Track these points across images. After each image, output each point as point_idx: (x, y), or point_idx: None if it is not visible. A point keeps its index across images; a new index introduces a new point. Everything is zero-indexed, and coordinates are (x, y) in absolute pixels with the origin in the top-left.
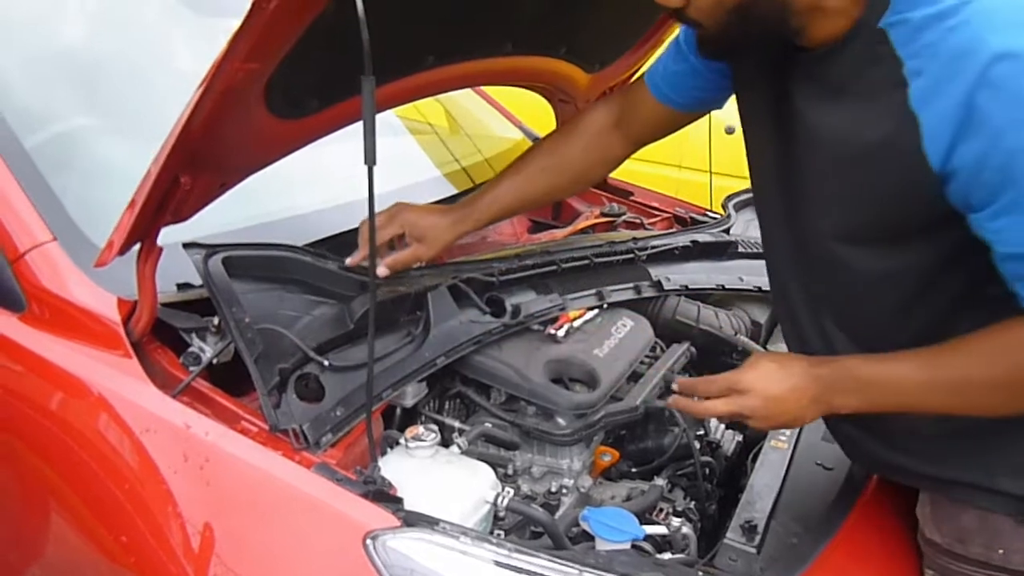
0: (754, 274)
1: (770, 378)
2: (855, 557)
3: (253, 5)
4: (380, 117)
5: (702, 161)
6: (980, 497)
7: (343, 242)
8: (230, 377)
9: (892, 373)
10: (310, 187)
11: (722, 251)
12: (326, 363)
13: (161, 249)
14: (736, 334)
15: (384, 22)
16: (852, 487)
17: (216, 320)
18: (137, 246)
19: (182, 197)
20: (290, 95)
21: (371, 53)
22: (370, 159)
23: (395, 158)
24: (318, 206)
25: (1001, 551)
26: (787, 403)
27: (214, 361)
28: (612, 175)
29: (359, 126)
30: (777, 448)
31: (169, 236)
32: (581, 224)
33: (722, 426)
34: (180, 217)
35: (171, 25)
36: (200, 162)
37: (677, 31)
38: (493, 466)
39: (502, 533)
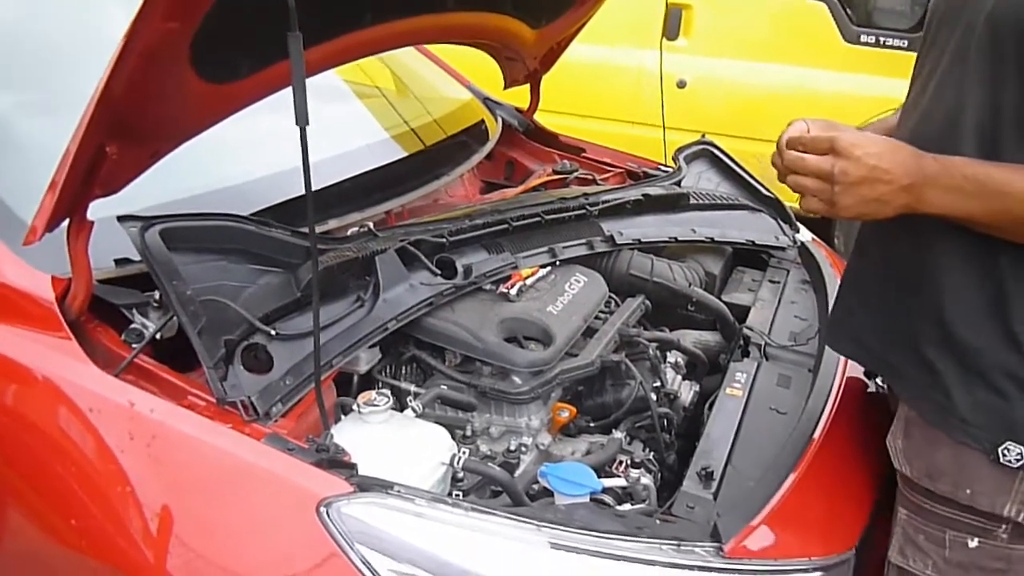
0: (707, 225)
1: (878, 149)
2: (810, 497)
3: None
4: (325, 81)
5: (655, 116)
6: (955, 429)
7: (288, 210)
8: (177, 352)
9: (1002, 177)
10: (252, 155)
11: (674, 203)
12: (273, 332)
13: (92, 224)
14: (690, 286)
15: None
16: (805, 430)
17: (158, 295)
18: (67, 222)
19: (110, 168)
20: (218, 57)
21: (299, 10)
22: (302, 120)
23: (342, 122)
24: (261, 174)
25: (968, 491)
26: (881, 181)
27: (158, 336)
28: (563, 132)
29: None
30: (732, 396)
31: (104, 210)
32: (533, 182)
33: (679, 377)
34: (111, 189)
35: None
36: (127, 130)
37: None
38: (451, 428)
39: (460, 494)
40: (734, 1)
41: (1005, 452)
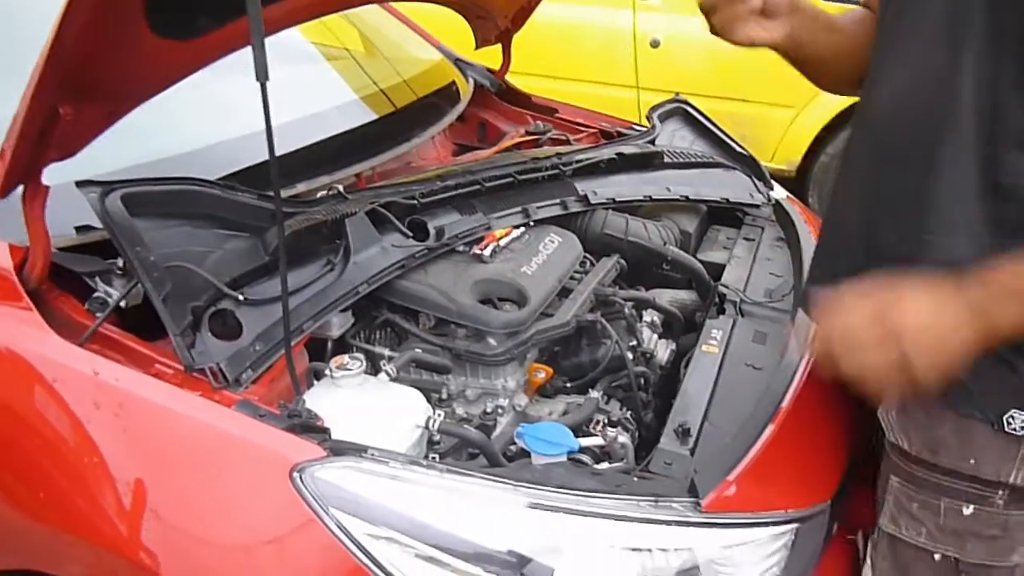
0: (682, 183)
1: (917, 304)
2: (785, 451)
3: None
4: (291, 42)
5: (629, 77)
6: (960, 400)
7: (255, 174)
8: (143, 320)
9: None
10: (218, 117)
11: (648, 162)
12: (241, 298)
13: (47, 189)
14: (665, 244)
15: None
16: (780, 384)
17: (121, 262)
18: (21, 188)
19: (65, 130)
20: (175, 13)
21: None
22: (262, 75)
23: (309, 84)
24: (227, 137)
25: (973, 461)
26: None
27: (122, 304)
28: (536, 93)
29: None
30: (708, 352)
31: (64, 175)
32: (506, 143)
33: (655, 336)
34: (66, 152)
35: None
36: (80, 89)
37: None
38: (426, 391)
39: (437, 457)
40: None
41: (1010, 420)
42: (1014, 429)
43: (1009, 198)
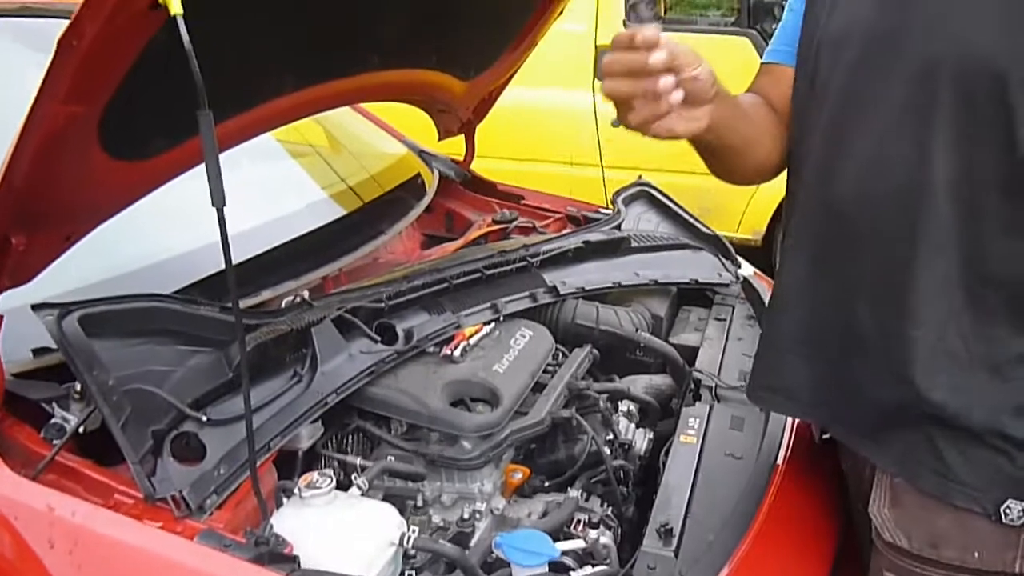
0: (650, 267)
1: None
2: (770, 549)
3: (59, 44)
4: (258, 141)
5: (593, 156)
6: (956, 494)
7: (217, 284)
8: (105, 444)
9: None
10: (177, 228)
11: (615, 248)
12: (204, 418)
13: (0, 316)
14: (637, 331)
15: (229, 48)
16: (761, 477)
17: (79, 385)
18: None
19: (17, 259)
20: (130, 136)
21: (212, 83)
22: (217, 201)
23: (278, 183)
24: (187, 247)
25: (976, 554)
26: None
27: (81, 430)
28: (502, 176)
29: (224, 157)
30: (686, 443)
31: (20, 297)
32: (473, 234)
33: (632, 426)
34: (20, 280)
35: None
36: (34, 217)
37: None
38: (402, 499)
39: (413, 572)
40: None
41: (1007, 511)
42: (1012, 520)
43: (996, 285)
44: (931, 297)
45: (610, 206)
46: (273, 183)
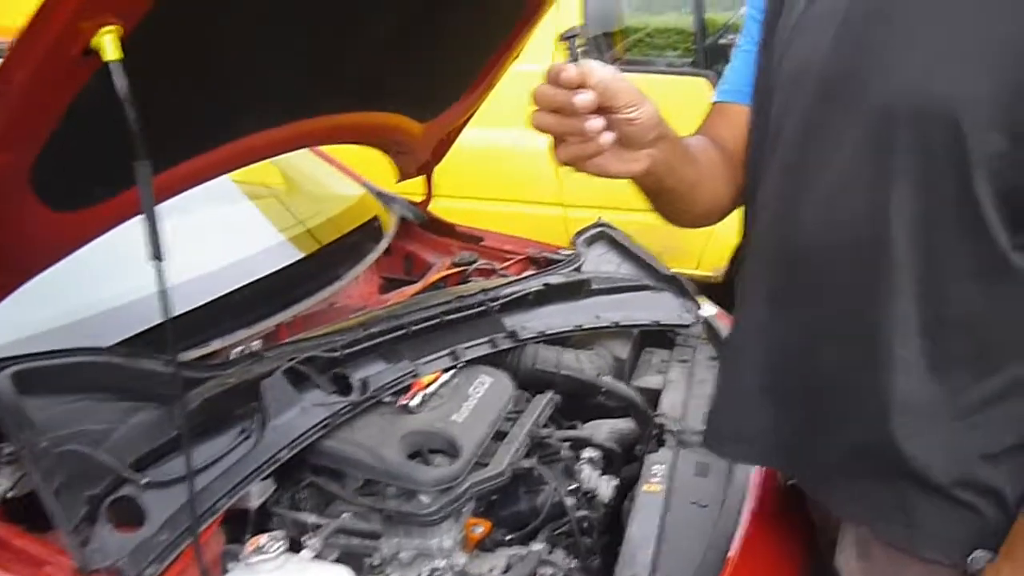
0: (611, 309)
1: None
2: None
3: None
4: (215, 183)
5: (554, 195)
6: (924, 547)
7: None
8: (37, 510)
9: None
10: (120, 276)
11: (576, 291)
12: (143, 481)
13: None
14: (599, 375)
15: (173, 92)
16: (729, 525)
17: (9, 447)
18: None
19: None
20: (66, 184)
21: (154, 130)
22: (156, 253)
23: (234, 226)
24: (132, 296)
25: None
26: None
27: (9, 495)
28: (461, 222)
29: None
30: (651, 492)
31: None
32: (433, 277)
33: (595, 473)
34: None
35: None
36: None
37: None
38: (358, 558)
39: None
40: None
41: (974, 561)
42: (977, 568)
43: (958, 330)
44: (893, 344)
45: (571, 246)
46: (228, 225)
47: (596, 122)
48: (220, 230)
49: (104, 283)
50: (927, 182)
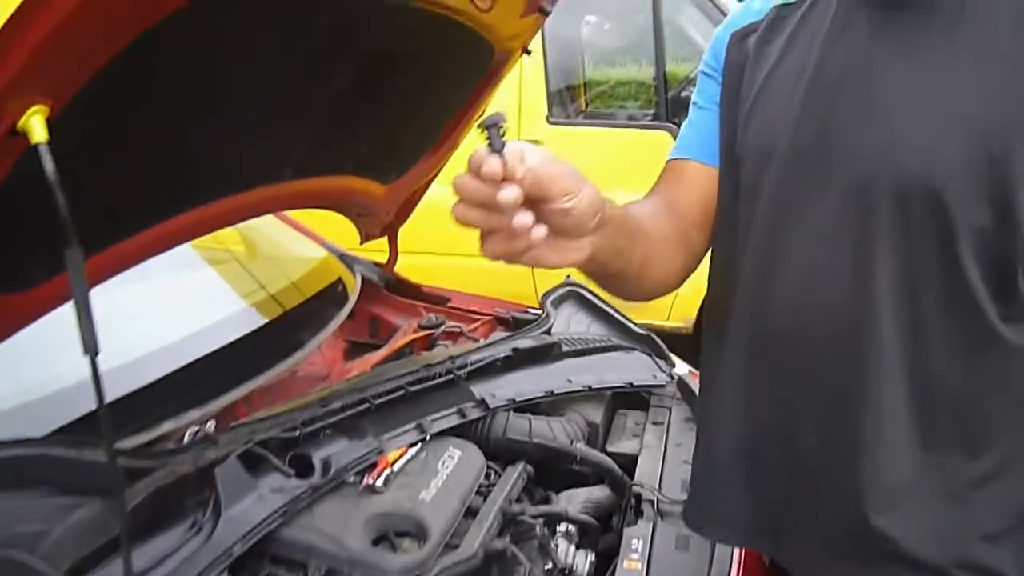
0: (583, 372)
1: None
2: None
3: None
4: (175, 249)
5: None
6: None
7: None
8: None
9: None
10: (61, 356)
11: (546, 354)
12: None
13: None
14: (572, 442)
15: (114, 170)
16: None
17: None
18: None
19: None
20: (3, 267)
21: (97, 208)
22: (90, 347)
23: (196, 294)
24: (73, 379)
25: None
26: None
27: None
28: (428, 283)
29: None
30: (631, 570)
31: None
32: (400, 341)
33: (572, 547)
34: None
35: None
36: None
37: (476, 126)
38: None
39: None
40: (581, 136)
41: None
42: None
43: (946, 410)
44: (881, 425)
45: (538, 306)
46: (185, 293)
47: (524, 218)
48: (176, 299)
49: (42, 365)
50: (910, 258)
